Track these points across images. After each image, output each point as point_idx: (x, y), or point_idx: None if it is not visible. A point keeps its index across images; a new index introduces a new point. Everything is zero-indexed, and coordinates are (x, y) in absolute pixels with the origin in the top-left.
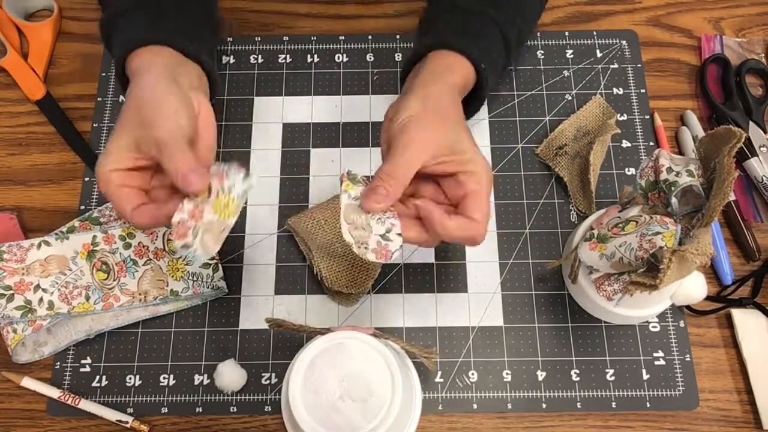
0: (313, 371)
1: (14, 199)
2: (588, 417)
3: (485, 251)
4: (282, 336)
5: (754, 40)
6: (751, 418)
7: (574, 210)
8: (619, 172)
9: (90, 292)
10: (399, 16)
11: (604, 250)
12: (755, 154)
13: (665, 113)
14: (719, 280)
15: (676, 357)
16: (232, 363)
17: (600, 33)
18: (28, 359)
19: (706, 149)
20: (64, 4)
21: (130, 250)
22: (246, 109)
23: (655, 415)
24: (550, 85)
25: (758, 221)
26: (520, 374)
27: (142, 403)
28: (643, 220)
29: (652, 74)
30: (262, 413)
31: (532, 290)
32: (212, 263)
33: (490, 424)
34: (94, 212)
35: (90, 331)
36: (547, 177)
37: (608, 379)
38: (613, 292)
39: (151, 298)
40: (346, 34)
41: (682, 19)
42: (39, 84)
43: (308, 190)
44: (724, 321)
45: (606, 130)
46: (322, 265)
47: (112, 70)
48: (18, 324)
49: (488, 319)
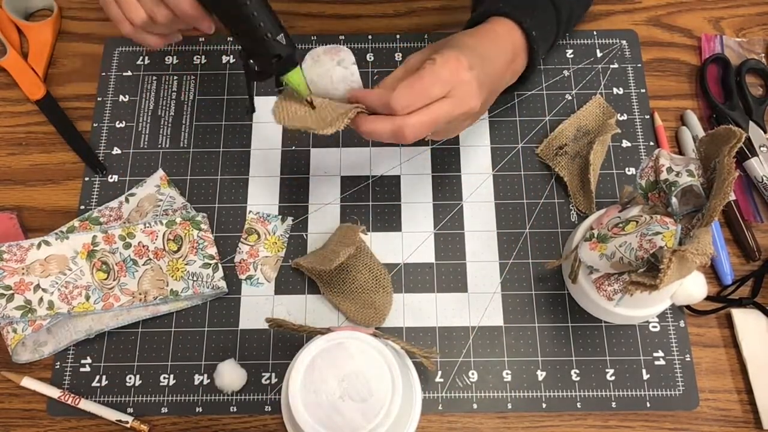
0: (313, 371)
1: (14, 199)
2: (588, 417)
3: (485, 251)
4: (282, 336)
5: (754, 40)
6: (751, 418)
7: (574, 210)
8: (619, 172)
9: (90, 292)
10: (399, 16)
11: (604, 250)
12: (755, 154)
13: (665, 113)
14: (719, 280)
15: (676, 357)
16: (232, 363)
17: (600, 33)
18: (28, 359)
19: (706, 149)
20: (64, 4)
21: (130, 250)
22: (246, 109)
23: (655, 415)
24: (550, 85)
25: (758, 221)
26: (520, 374)
27: (142, 403)
28: (643, 220)
29: (652, 74)
30: (262, 413)
31: (532, 290)
32: (212, 263)
33: (490, 424)
34: (94, 212)
35: (90, 331)
36: (547, 177)
37: (608, 379)
38: (613, 292)
39: (151, 298)
40: (346, 34)
41: (682, 19)
42: (39, 84)
43: (308, 190)
44: (724, 321)
45: (606, 130)
46: (334, 300)
47: (112, 70)
48: (18, 324)
49: (488, 319)
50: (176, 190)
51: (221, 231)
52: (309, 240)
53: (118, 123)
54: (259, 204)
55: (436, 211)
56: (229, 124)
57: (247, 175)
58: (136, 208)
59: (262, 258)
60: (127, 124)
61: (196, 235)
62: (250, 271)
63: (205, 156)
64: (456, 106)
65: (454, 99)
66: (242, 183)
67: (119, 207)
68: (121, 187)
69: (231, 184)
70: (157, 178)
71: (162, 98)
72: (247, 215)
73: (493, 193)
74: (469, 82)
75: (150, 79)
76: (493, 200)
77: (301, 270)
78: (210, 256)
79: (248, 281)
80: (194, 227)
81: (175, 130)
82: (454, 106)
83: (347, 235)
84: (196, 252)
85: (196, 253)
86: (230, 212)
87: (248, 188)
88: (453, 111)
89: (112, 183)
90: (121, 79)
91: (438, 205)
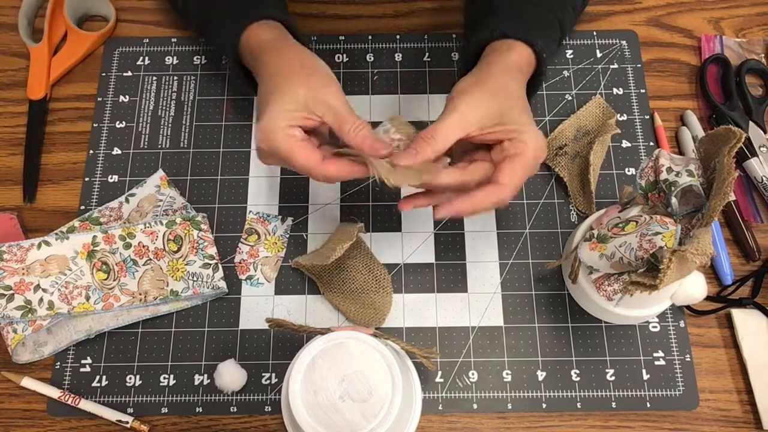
0: (313, 371)
1: (14, 199)
2: (588, 417)
3: (485, 251)
4: (282, 336)
5: (754, 40)
6: (751, 418)
7: (574, 210)
8: (619, 172)
9: (90, 292)
10: (399, 16)
11: (604, 250)
12: (755, 154)
13: (665, 113)
14: (719, 280)
15: (676, 357)
16: (232, 363)
17: (600, 33)
18: (28, 359)
19: (706, 149)
20: None
21: (130, 250)
22: (246, 110)
23: (655, 415)
24: (550, 86)
25: (758, 221)
26: (520, 374)
27: (142, 403)
28: (643, 220)
29: (652, 74)
30: (262, 413)
31: (532, 290)
32: (212, 263)
33: (490, 424)
34: (94, 212)
35: (90, 331)
36: (547, 177)
37: (608, 379)
38: (613, 292)
39: (151, 298)
40: (346, 34)
41: (682, 19)
42: (44, 85)
43: (308, 190)
44: (724, 321)
45: (606, 130)
46: (334, 300)
47: (112, 70)
48: (18, 324)
49: (488, 319)
50: (176, 190)
51: (221, 231)
52: (309, 240)
53: (118, 123)
54: (259, 204)
55: None
56: (229, 124)
57: (247, 175)
58: (136, 208)
59: (262, 258)
60: (127, 125)
61: (196, 236)
62: (250, 271)
63: (205, 156)
64: (535, 156)
65: (533, 153)
66: (242, 183)
67: (119, 207)
68: (121, 188)
69: (231, 184)
70: (157, 178)
71: (162, 98)
72: (247, 215)
73: None
74: (534, 137)
75: (150, 79)
76: None
77: (301, 270)
78: (210, 257)
79: (248, 281)
80: (194, 227)
81: (175, 131)
82: (535, 158)
83: (345, 233)
84: (196, 252)
85: (196, 254)
86: (230, 212)
87: (248, 188)
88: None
89: (112, 183)
90: (121, 79)
91: None
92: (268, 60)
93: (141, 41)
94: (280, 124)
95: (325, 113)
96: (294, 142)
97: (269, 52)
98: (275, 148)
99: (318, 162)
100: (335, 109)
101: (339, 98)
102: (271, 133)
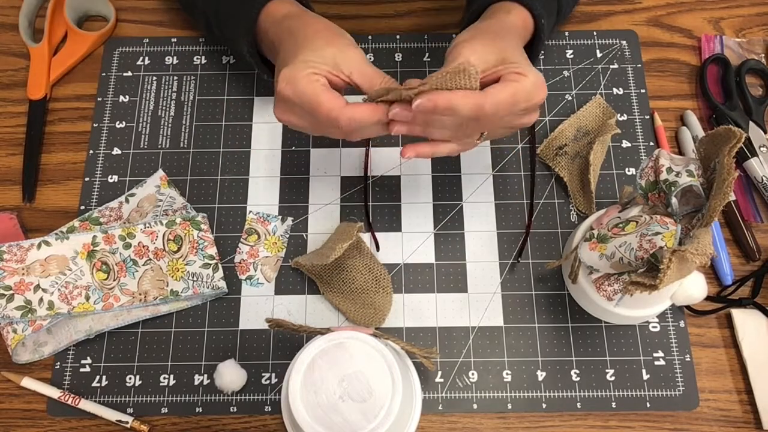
0: (313, 371)
1: (14, 199)
2: (588, 417)
3: (485, 251)
4: (282, 336)
5: (754, 40)
6: (751, 418)
7: (574, 210)
8: (619, 172)
9: (90, 292)
10: (399, 16)
11: (604, 250)
12: (755, 154)
13: (665, 113)
14: (719, 280)
15: (676, 357)
16: (232, 363)
17: (600, 33)
18: (28, 359)
19: (706, 149)
20: None
21: (130, 250)
22: (246, 109)
23: (655, 415)
24: (550, 86)
25: (758, 221)
26: (520, 374)
27: (142, 403)
28: (643, 220)
29: (652, 74)
30: (262, 413)
31: (532, 290)
32: (212, 263)
33: (490, 424)
34: (94, 212)
35: (90, 331)
36: (547, 177)
37: (608, 379)
38: (613, 292)
39: (151, 298)
40: None
41: (682, 19)
42: (44, 85)
43: (308, 190)
44: (724, 321)
45: (606, 130)
46: (334, 300)
47: (112, 70)
48: (18, 324)
49: (488, 319)
50: (176, 190)
51: (221, 231)
52: (309, 240)
53: (118, 123)
54: (259, 204)
55: (436, 211)
56: (229, 124)
57: (247, 175)
58: (136, 208)
59: (262, 258)
60: (127, 125)
61: (196, 236)
62: (250, 271)
63: (205, 156)
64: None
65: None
66: (242, 183)
67: (119, 207)
68: (121, 188)
69: (231, 184)
70: (157, 178)
71: (162, 98)
72: (247, 215)
73: (493, 193)
74: (535, 74)
75: (150, 79)
76: (493, 200)
77: (301, 270)
78: (210, 257)
79: (248, 281)
80: (194, 227)
81: (175, 131)
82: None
83: (345, 232)
84: (196, 252)
85: (196, 254)
86: (230, 212)
87: (248, 188)
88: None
89: (112, 183)
90: (121, 79)
91: (438, 206)
92: (292, 25)
93: (141, 41)
94: (305, 70)
95: (353, 72)
96: (319, 86)
97: (293, 18)
98: (299, 91)
99: (344, 105)
100: (363, 68)
101: (366, 60)
102: (294, 77)
